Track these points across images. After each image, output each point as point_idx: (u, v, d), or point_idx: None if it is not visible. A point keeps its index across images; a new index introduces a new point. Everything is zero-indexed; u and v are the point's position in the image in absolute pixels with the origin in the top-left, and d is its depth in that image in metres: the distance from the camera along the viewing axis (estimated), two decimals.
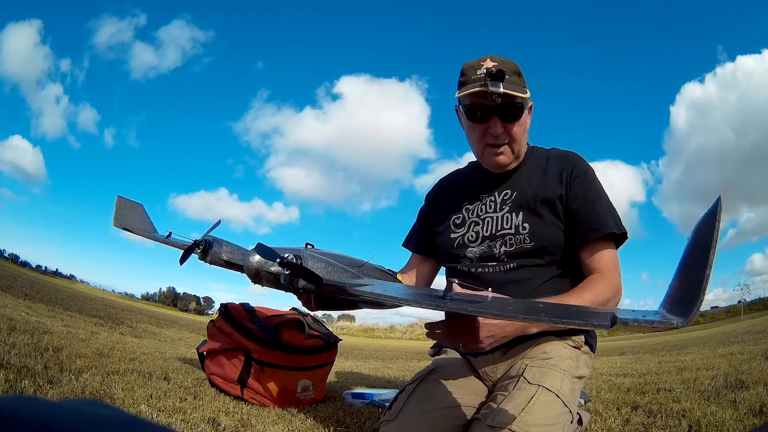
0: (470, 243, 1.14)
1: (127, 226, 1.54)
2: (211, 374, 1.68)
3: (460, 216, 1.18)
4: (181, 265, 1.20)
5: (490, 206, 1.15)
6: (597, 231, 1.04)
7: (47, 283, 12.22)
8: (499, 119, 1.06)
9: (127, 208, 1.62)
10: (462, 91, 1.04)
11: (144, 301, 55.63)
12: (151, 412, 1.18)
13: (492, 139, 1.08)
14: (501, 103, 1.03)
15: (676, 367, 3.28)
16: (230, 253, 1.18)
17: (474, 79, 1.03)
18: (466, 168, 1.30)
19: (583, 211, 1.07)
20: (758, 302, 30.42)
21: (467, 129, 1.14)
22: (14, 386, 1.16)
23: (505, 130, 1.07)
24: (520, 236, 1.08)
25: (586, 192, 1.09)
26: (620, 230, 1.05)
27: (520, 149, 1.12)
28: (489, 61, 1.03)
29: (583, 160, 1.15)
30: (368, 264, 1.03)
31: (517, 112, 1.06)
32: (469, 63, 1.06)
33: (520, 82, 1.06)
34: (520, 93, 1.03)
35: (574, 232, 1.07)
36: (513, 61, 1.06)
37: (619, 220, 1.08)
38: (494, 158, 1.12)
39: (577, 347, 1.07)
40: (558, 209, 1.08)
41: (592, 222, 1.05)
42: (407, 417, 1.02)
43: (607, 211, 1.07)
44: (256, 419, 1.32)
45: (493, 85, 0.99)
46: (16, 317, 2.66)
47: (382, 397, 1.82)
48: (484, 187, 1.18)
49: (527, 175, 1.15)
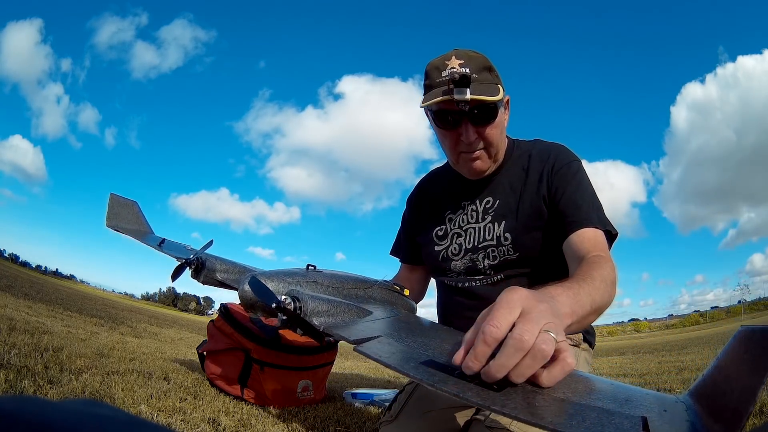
0: (454, 257, 1.09)
1: (121, 226, 1.50)
2: (211, 374, 1.68)
3: (443, 227, 1.13)
4: (172, 281, 1.18)
5: (472, 216, 1.09)
6: (576, 225, 0.95)
7: (47, 283, 12.22)
8: (471, 124, 0.97)
9: (121, 206, 1.58)
10: (426, 100, 0.95)
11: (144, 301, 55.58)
12: (151, 412, 1.18)
13: (465, 146, 1.00)
14: (471, 108, 0.93)
15: (676, 367, 3.28)
16: (225, 272, 1.14)
17: (439, 82, 0.94)
18: (447, 167, 1.21)
19: (564, 205, 0.98)
20: (758, 302, 30.38)
21: (439, 136, 1.05)
22: (14, 386, 1.16)
23: (478, 136, 0.99)
24: (503, 248, 1.02)
25: (567, 185, 1.00)
26: (604, 227, 0.95)
27: (497, 152, 1.05)
28: (454, 59, 0.94)
29: (567, 151, 1.07)
30: (375, 286, 0.98)
31: (491, 115, 0.97)
32: (433, 62, 0.96)
33: (491, 79, 0.95)
34: (490, 95, 0.92)
35: (556, 230, 0.99)
36: (482, 55, 0.96)
37: (603, 215, 0.98)
38: (470, 164, 1.04)
39: (575, 345, 1.06)
40: (542, 212, 1.01)
41: (573, 216, 0.96)
42: (407, 417, 1.02)
43: (589, 205, 0.98)
44: (256, 419, 1.32)
45: (458, 92, 0.90)
46: (16, 317, 2.66)
47: (382, 397, 1.82)
48: (465, 193, 1.12)
49: (509, 180, 1.08)
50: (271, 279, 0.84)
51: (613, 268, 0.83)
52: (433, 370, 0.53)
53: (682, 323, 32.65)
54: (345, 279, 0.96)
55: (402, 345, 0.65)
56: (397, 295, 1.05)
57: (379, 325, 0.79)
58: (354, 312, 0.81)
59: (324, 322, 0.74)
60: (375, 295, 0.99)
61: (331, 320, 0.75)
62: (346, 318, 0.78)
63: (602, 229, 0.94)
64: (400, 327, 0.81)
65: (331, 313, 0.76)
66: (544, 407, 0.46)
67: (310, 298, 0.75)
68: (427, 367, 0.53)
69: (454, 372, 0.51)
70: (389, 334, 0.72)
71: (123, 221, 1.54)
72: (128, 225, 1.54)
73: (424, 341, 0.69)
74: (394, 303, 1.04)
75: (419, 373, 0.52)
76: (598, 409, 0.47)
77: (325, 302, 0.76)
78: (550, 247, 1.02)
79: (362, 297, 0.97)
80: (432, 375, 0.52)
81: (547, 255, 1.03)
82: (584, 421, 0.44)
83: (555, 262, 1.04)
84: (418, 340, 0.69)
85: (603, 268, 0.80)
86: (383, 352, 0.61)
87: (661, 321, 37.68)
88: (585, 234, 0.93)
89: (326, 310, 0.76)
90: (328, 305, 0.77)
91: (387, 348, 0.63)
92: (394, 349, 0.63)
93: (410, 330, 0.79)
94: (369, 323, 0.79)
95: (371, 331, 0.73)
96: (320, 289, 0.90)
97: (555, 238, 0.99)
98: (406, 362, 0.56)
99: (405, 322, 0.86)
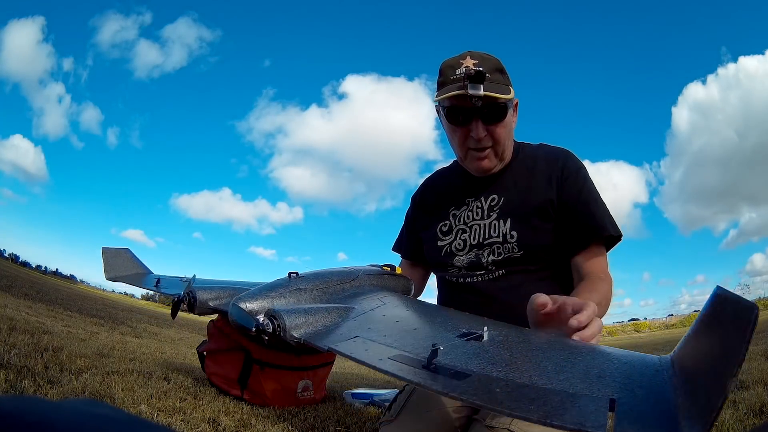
0: (458, 252, 1.10)
1: (120, 275, 1.60)
2: (211, 374, 1.68)
3: (447, 223, 1.14)
4: (173, 319, 1.26)
5: (477, 213, 1.10)
6: (595, 234, 1.01)
7: (47, 283, 12.21)
8: (482, 122, 1.00)
9: (114, 256, 1.67)
10: (440, 94, 0.99)
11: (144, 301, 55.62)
12: (151, 412, 1.18)
13: (474, 143, 1.03)
14: (482, 105, 0.97)
15: None
16: (216, 300, 1.20)
17: (453, 79, 0.98)
18: (452, 167, 1.25)
19: (578, 213, 1.03)
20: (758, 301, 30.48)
21: (448, 132, 1.08)
22: (14, 386, 1.16)
23: (488, 133, 1.02)
24: (508, 245, 1.04)
25: (579, 192, 1.04)
26: (617, 232, 1.02)
27: (504, 151, 1.07)
28: (469, 59, 0.98)
29: (574, 157, 1.10)
30: (361, 275, 0.98)
31: (501, 114, 1.00)
32: (447, 61, 1.01)
33: (503, 80, 1.00)
34: (502, 94, 0.97)
35: (570, 235, 1.03)
36: (495, 58, 1.00)
37: (613, 220, 1.04)
38: (477, 162, 1.07)
39: None
40: (548, 214, 1.04)
41: (589, 224, 1.02)
42: (407, 417, 1.02)
43: (602, 212, 1.04)
44: (256, 419, 1.32)
45: (472, 87, 0.93)
46: (16, 317, 2.66)
47: (382, 397, 1.82)
48: (470, 191, 1.14)
49: (514, 179, 1.10)
50: (254, 299, 0.85)
51: (610, 286, 0.97)
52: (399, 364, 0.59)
53: (682, 323, 32.70)
54: (328, 277, 0.96)
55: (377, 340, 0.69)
56: (387, 277, 1.06)
57: (359, 323, 0.80)
58: (334, 314, 0.82)
59: (304, 333, 0.75)
60: (363, 284, 1.00)
61: (310, 329, 0.76)
62: (327, 322, 0.79)
63: (615, 235, 1.02)
64: (381, 319, 0.82)
65: (310, 323, 0.77)
66: (506, 393, 0.48)
67: (286, 313, 0.76)
68: (393, 361, 0.60)
69: (419, 365, 0.57)
70: (369, 329, 0.75)
71: (120, 270, 1.64)
72: (126, 272, 1.64)
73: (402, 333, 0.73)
74: (384, 287, 1.05)
75: (385, 365, 0.58)
76: (563, 393, 0.47)
77: (302, 314, 0.77)
78: (553, 247, 1.05)
79: (349, 291, 0.97)
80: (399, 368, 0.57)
81: (549, 254, 1.05)
82: (545, 405, 0.44)
83: (556, 261, 1.05)
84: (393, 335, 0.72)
85: (602, 287, 0.94)
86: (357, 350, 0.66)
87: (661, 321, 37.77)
88: (591, 256, 1.02)
89: (304, 321, 0.77)
90: (306, 316, 0.77)
91: (362, 346, 0.67)
92: (366, 346, 0.67)
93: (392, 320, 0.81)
94: (350, 322, 0.80)
95: (349, 331, 0.75)
96: (305, 294, 0.90)
97: (563, 239, 1.04)
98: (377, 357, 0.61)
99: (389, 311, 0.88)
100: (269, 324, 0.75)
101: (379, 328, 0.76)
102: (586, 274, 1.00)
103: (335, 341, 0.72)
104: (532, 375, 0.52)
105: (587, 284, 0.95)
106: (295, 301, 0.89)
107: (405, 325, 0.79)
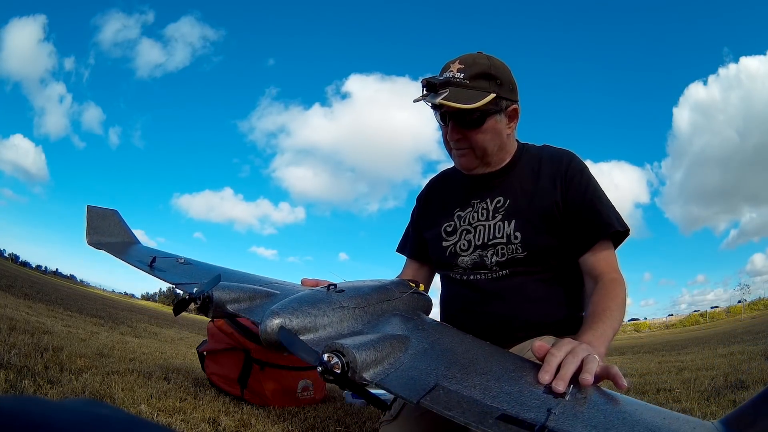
0: (462, 252, 1.11)
1: (103, 242, 1.39)
2: (211, 374, 1.68)
3: (452, 223, 1.15)
4: (176, 316, 1.01)
5: (482, 213, 1.11)
6: (602, 231, 1.02)
7: (47, 283, 12.22)
8: (455, 125, 1.03)
9: (100, 218, 1.45)
10: (416, 98, 1.01)
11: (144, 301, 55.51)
12: (151, 412, 1.18)
13: (452, 143, 1.07)
14: (453, 111, 0.99)
15: (676, 367, 3.28)
16: (235, 303, 0.93)
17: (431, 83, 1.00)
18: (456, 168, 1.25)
19: (585, 212, 1.03)
20: (758, 301, 30.36)
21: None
22: (14, 386, 1.16)
23: (463, 137, 1.04)
24: (512, 246, 1.05)
25: (584, 192, 1.05)
26: (623, 227, 1.03)
27: (486, 155, 1.08)
28: (457, 63, 0.99)
29: (577, 158, 1.11)
30: (397, 293, 0.97)
31: (474, 121, 1.01)
32: (446, 63, 1.03)
33: (485, 87, 0.98)
34: (464, 103, 0.96)
35: (577, 235, 1.04)
36: (490, 62, 1.00)
37: (620, 216, 1.05)
38: (458, 159, 1.10)
39: None
40: (553, 215, 1.05)
41: (595, 222, 1.02)
42: (407, 417, 1.02)
43: (608, 209, 1.05)
44: (256, 419, 1.32)
45: (431, 97, 0.97)
46: (16, 317, 2.66)
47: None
48: (475, 192, 1.15)
49: (519, 181, 1.11)
50: (293, 314, 0.76)
51: (624, 288, 0.97)
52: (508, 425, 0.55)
53: (681, 323, 32.67)
54: (368, 293, 0.91)
55: (462, 390, 0.63)
56: (417, 297, 1.04)
57: (426, 362, 0.72)
58: (395, 346, 0.73)
59: (374, 375, 0.65)
60: (399, 306, 0.96)
61: (380, 369, 0.67)
62: (392, 360, 0.70)
63: (623, 230, 1.03)
64: (446, 356, 0.77)
65: (378, 360, 0.67)
66: None
67: (354, 348, 0.64)
68: (505, 423, 0.56)
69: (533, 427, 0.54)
70: (442, 375, 0.68)
71: (105, 235, 1.43)
72: (111, 238, 1.43)
73: (476, 378, 0.67)
74: (416, 308, 1.03)
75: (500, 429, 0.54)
76: None
77: (370, 348, 0.67)
78: (558, 249, 1.05)
79: (387, 311, 0.92)
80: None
81: (553, 256, 1.06)
82: None
83: (560, 260, 1.05)
84: (471, 379, 0.66)
85: (617, 293, 0.94)
86: (452, 405, 0.59)
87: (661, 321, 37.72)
88: (600, 253, 1.02)
89: (374, 358, 0.66)
90: (375, 351, 0.67)
91: (454, 398, 0.61)
92: (458, 398, 0.61)
93: (455, 361, 0.76)
94: (413, 362, 0.72)
95: (420, 374, 0.68)
96: (348, 314, 0.83)
97: (569, 240, 1.05)
98: (483, 417, 0.57)
99: (447, 345, 0.83)
100: (338, 362, 0.63)
101: (453, 372, 0.70)
102: (599, 276, 1.00)
103: (418, 390, 0.63)
104: None
105: (599, 303, 0.93)
106: (338, 321, 0.81)
107: (475, 367, 0.74)
